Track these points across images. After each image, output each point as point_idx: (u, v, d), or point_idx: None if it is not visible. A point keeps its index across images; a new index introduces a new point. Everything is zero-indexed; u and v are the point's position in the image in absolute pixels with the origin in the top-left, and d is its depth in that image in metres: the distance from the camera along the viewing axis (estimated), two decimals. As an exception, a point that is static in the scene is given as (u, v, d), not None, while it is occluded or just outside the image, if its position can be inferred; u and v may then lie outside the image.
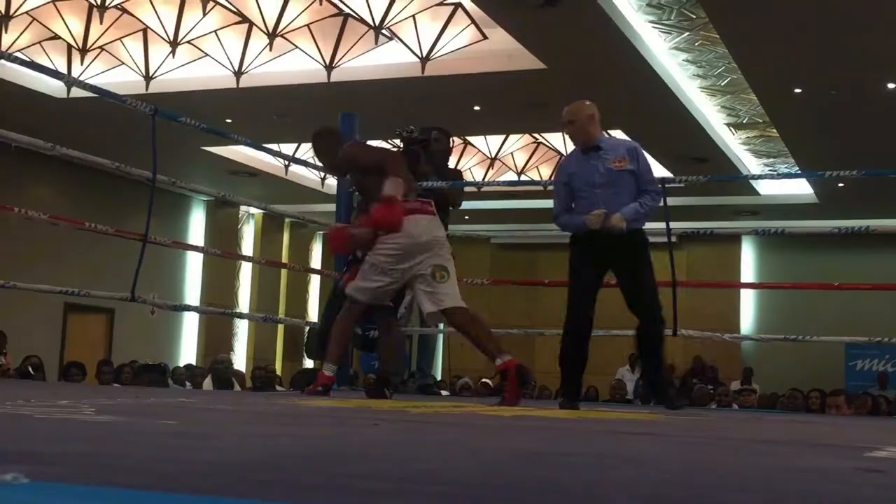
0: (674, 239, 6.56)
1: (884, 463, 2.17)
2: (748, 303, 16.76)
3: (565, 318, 4.97)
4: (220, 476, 1.15)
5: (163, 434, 1.93)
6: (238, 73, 10.97)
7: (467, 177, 14.33)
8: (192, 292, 15.97)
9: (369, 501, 0.99)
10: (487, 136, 13.59)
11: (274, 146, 11.21)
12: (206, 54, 10.92)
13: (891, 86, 9.97)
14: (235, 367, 14.34)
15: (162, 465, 1.22)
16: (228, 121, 11.84)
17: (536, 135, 13.46)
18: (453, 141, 7.45)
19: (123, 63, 11.22)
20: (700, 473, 1.63)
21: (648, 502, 1.12)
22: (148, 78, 11.20)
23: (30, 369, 8.52)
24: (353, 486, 1.10)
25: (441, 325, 8.50)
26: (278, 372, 13.64)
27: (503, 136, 13.60)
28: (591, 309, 4.93)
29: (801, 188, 14.43)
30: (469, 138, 13.67)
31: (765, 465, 2.01)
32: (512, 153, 13.96)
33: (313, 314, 17.71)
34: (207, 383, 9.08)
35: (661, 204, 5.06)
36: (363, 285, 4.73)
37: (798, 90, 10.22)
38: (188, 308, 13.12)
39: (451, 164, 13.64)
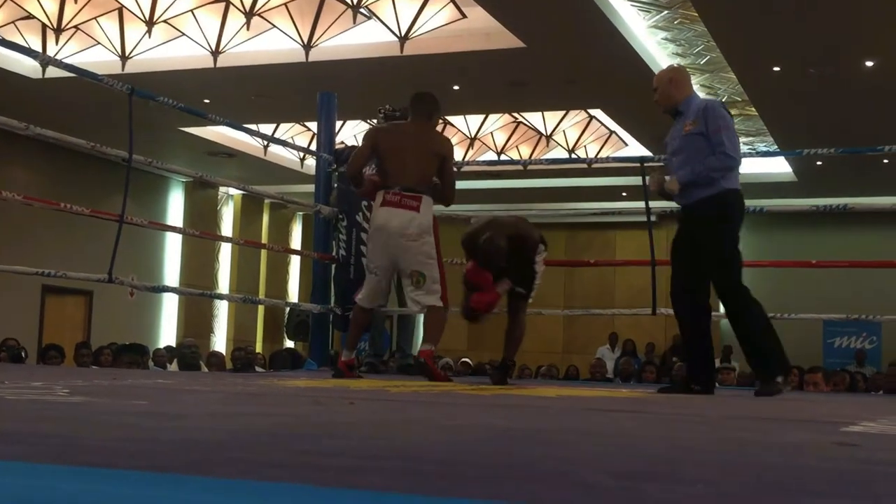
0: (654, 218, 6.54)
1: (858, 437, 2.18)
2: (728, 281, 16.80)
3: None
4: (182, 454, 1.13)
5: (132, 414, 1.91)
6: (215, 53, 10.87)
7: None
8: (171, 274, 15.89)
9: (331, 478, 0.98)
10: (467, 116, 13.54)
11: (252, 126, 11.13)
12: (183, 34, 10.81)
13: (868, 64, 9.98)
14: (216, 348, 14.33)
15: (123, 444, 1.20)
16: (206, 101, 11.74)
17: (516, 114, 13.43)
18: None
19: (99, 43, 11.09)
20: (672, 448, 1.62)
21: (616, 476, 1.12)
22: (124, 58, 11.08)
23: (22, 354, 8.46)
24: (318, 463, 1.09)
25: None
26: (259, 352, 13.60)
27: (483, 116, 13.56)
28: (682, 287, 4.56)
29: (779, 167, 14.47)
30: (448, 118, 13.62)
31: (738, 441, 2.01)
32: (492, 133, 13.92)
33: (293, 295, 17.66)
34: (174, 367, 9.02)
35: (724, 166, 4.38)
36: (363, 293, 5.05)
37: (776, 68, 10.21)
38: (167, 289, 13.05)
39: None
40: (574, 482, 1.06)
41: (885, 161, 12.93)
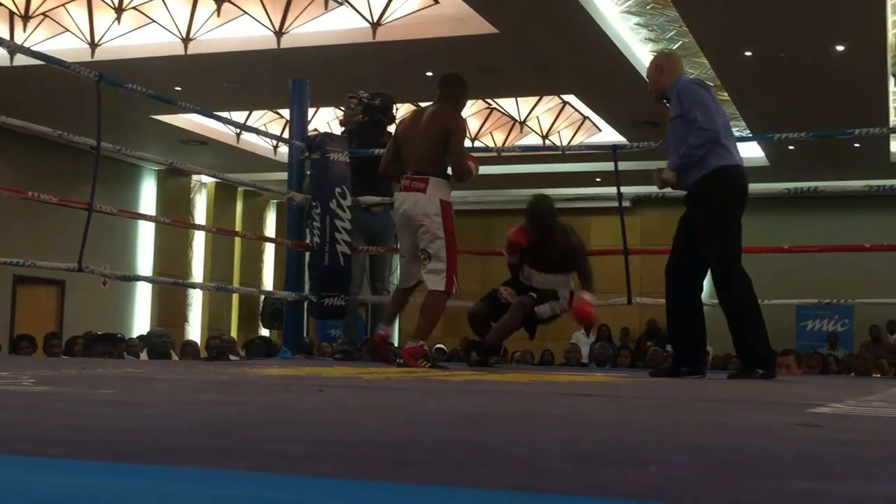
0: (627, 203, 6.55)
1: (823, 418, 2.20)
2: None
3: None
4: (135, 442, 1.12)
5: (95, 403, 1.89)
6: (186, 40, 10.79)
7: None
8: (144, 262, 15.79)
9: (284, 465, 0.98)
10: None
11: (225, 114, 11.06)
12: (153, 20, 10.72)
13: (839, 48, 10.03)
14: (190, 336, 14.27)
15: (75, 433, 1.20)
16: (178, 88, 11.65)
17: (489, 100, 13.42)
18: (397, 108, 7.43)
19: (68, 30, 10.98)
20: (637, 431, 1.63)
21: (572, 460, 1.12)
22: (93, 45, 10.98)
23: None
24: (274, 450, 1.09)
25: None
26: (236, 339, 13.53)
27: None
28: (677, 263, 4.54)
29: (752, 151, 14.53)
30: (421, 104, 13.59)
31: (705, 423, 2.02)
32: (465, 119, 13.90)
33: (268, 283, 17.60)
34: (143, 356, 8.97)
35: (703, 141, 4.29)
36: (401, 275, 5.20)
37: (748, 53, 10.25)
38: (139, 278, 12.97)
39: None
40: (528, 466, 1.06)
41: (857, 145, 13.02)
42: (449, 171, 5.02)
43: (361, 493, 0.88)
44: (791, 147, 13.44)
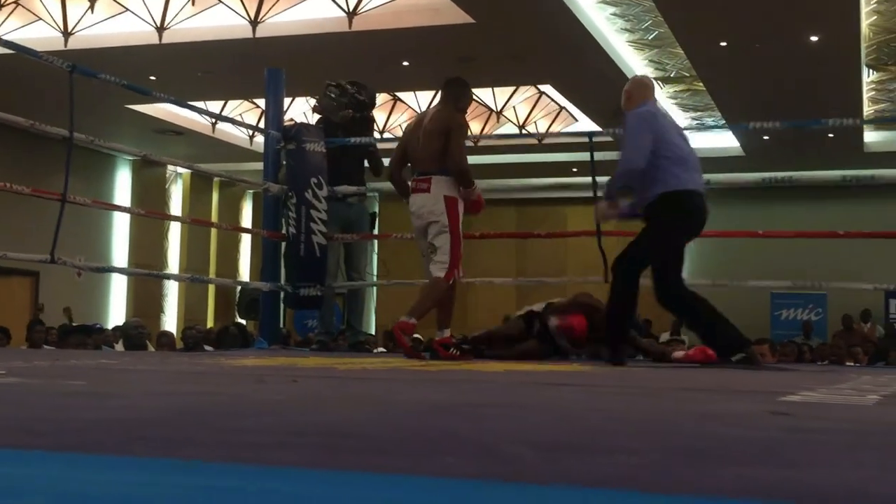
0: (601, 193, 6.55)
1: (794, 407, 2.21)
2: (677, 255, 16.99)
3: None
4: (102, 433, 1.12)
5: (64, 394, 1.88)
6: (160, 29, 10.71)
7: (397, 133, 14.26)
8: (120, 253, 15.70)
9: (248, 455, 0.97)
10: (417, 92, 13.49)
11: (200, 103, 10.99)
12: (127, 9, 10.64)
13: (813, 38, 10.09)
14: (166, 327, 14.19)
15: (43, 424, 1.19)
16: (152, 78, 11.57)
17: (466, 90, 13.40)
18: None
19: (40, 18, 10.88)
20: (606, 419, 1.64)
21: (538, 448, 1.12)
22: (66, 34, 10.89)
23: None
24: (240, 440, 1.08)
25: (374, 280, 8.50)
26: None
27: (433, 92, 13.51)
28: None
29: (727, 142, 14.60)
30: (398, 94, 13.57)
31: (675, 411, 2.03)
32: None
33: (245, 273, 17.54)
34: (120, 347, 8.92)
35: (621, 174, 4.54)
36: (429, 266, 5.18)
37: (723, 43, 10.29)
38: (112, 270, 12.88)
39: (380, 120, 13.61)
40: (493, 455, 1.06)
41: (830, 135, 13.10)
42: None
43: (328, 482, 0.88)
44: (766, 137, 13.51)
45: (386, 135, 13.76)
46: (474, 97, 13.47)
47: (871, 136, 14.15)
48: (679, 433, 1.44)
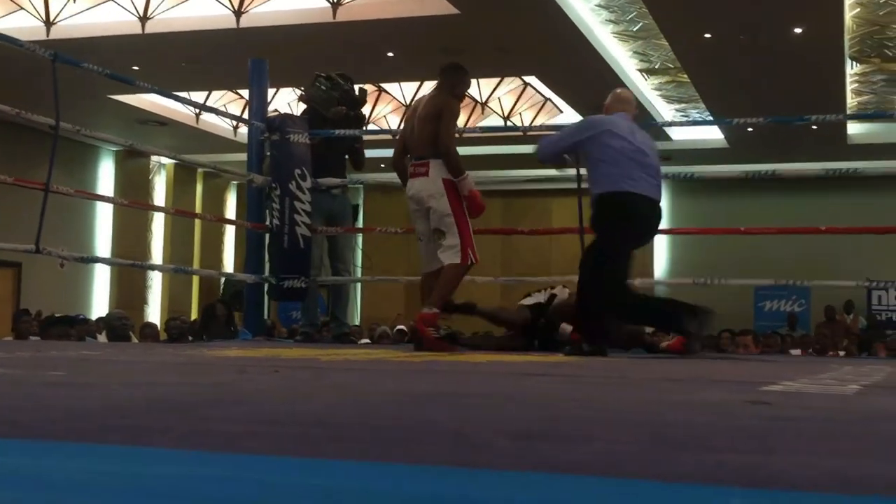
0: (587, 185, 6.56)
1: (773, 396, 2.22)
2: (661, 248, 17.04)
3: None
4: (72, 422, 1.11)
5: (43, 385, 1.87)
6: (143, 19, 10.66)
7: (382, 125, 14.24)
8: (103, 244, 15.63)
9: (217, 443, 0.97)
10: (402, 84, 13.46)
11: (184, 94, 10.93)
12: (110, -2, 10.59)
13: (797, 30, 10.11)
14: (150, 319, 14.15)
15: (17, 413, 1.18)
16: (136, 68, 11.51)
17: (452, 81, 13.39)
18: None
19: (22, 8, 10.81)
20: (583, 409, 1.64)
21: (513, 437, 1.12)
22: (49, 23, 10.82)
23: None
24: (212, 429, 1.08)
25: (358, 274, 8.48)
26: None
27: (418, 83, 13.49)
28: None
29: (711, 134, 14.64)
30: (383, 85, 13.54)
31: (654, 400, 2.04)
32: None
33: (229, 265, 17.49)
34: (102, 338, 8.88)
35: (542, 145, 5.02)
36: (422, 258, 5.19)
37: (708, 35, 10.31)
38: (96, 260, 12.81)
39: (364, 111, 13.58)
40: (469, 443, 1.06)
41: (814, 128, 13.16)
42: None
43: (298, 471, 0.87)
44: (750, 129, 13.55)
45: (371, 126, 13.72)
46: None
47: (854, 129, 14.21)
48: (657, 422, 1.45)
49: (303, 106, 7.07)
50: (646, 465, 1.00)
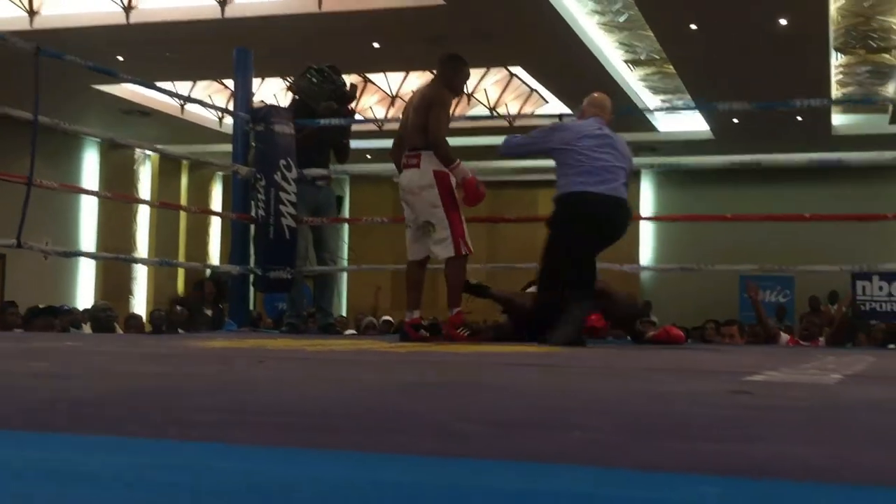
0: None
1: (756, 386, 2.23)
2: (647, 238, 17.09)
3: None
4: (49, 412, 1.11)
5: (21, 375, 1.87)
6: (127, 9, 10.60)
7: (368, 115, 14.22)
8: (87, 237, 15.56)
9: (194, 433, 0.97)
10: (388, 74, 13.44)
11: (168, 84, 10.90)
12: (94, -12, 10.53)
13: (783, 22, 10.13)
14: (135, 310, 14.10)
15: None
16: (120, 58, 11.46)
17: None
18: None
19: (5, -3, 10.74)
20: (565, 399, 1.64)
21: (493, 426, 1.13)
22: (32, 13, 10.75)
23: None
24: (189, 419, 1.08)
25: (344, 264, 8.48)
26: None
27: (403, 74, 13.47)
28: None
29: (697, 125, 14.67)
30: (369, 76, 13.51)
31: (636, 390, 2.04)
32: (413, 91, 13.84)
33: (214, 257, 17.45)
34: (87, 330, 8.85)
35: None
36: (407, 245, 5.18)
37: (693, 26, 10.32)
38: (80, 254, 12.79)
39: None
40: (447, 432, 1.06)
41: (799, 118, 13.19)
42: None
43: (273, 459, 0.87)
44: (735, 120, 13.58)
45: (356, 116, 13.70)
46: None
47: (838, 120, 14.27)
48: (637, 411, 1.45)
49: (290, 96, 7.04)
50: (624, 453, 1.00)
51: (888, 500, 0.82)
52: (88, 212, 15.68)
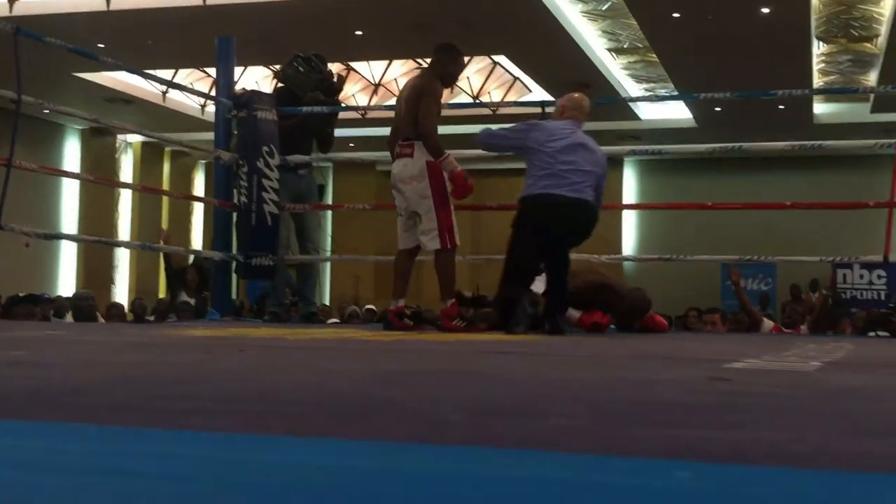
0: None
1: (735, 373, 2.24)
2: (630, 226, 17.13)
3: None
4: (28, 401, 1.11)
5: (2, 364, 1.86)
6: (108, -5, 10.53)
7: (350, 103, 14.18)
8: (69, 224, 15.47)
9: (171, 420, 0.97)
10: (371, 62, 13.40)
11: (150, 72, 10.81)
12: (74, -25, 10.44)
13: (765, 10, 10.16)
14: (117, 299, 14.05)
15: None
16: (101, 45, 11.38)
17: (420, 60, 13.35)
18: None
19: (-16, -17, 10.65)
20: (544, 386, 1.65)
21: (472, 413, 1.13)
22: (11, -1, 10.67)
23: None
24: (167, 406, 1.08)
25: (328, 254, 8.47)
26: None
27: (387, 62, 13.44)
28: None
29: (680, 113, 14.70)
30: (352, 64, 13.47)
31: (615, 378, 2.05)
32: (396, 79, 13.82)
33: (197, 243, 17.38)
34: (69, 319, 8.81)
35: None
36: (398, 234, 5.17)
37: (676, 14, 10.33)
38: (61, 236, 12.68)
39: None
40: (425, 419, 1.07)
41: (781, 107, 13.23)
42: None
43: (247, 446, 0.87)
44: (718, 108, 13.61)
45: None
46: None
47: (820, 109, 14.32)
48: (615, 398, 1.46)
49: (274, 83, 7.02)
50: (596, 439, 1.01)
51: (862, 486, 0.83)
52: (70, 201, 15.60)
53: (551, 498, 0.71)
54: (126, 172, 16.65)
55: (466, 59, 13.62)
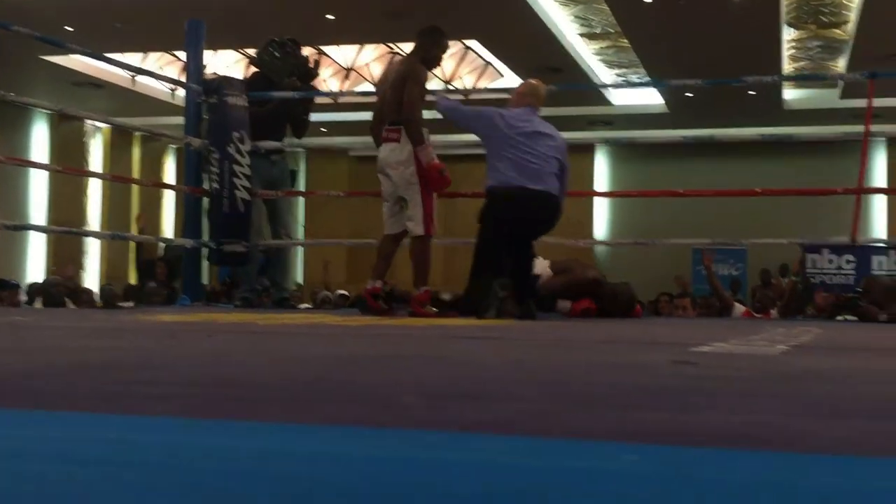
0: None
1: (701, 356, 2.26)
2: (602, 211, 17.17)
3: None
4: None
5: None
6: (77, -22, 10.40)
7: (322, 88, 14.11)
8: (37, 210, 15.31)
9: (130, 406, 0.96)
10: (342, 47, 13.32)
11: (119, 56, 10.72)
12: (41, -43, 10.30)
13: (736, -4, 10.19)
14: (86, 284, 13.93)
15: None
16: (69, 28, 11.25)
17: (393, 45, 13.29)
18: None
19: (-51, -34, 10.49)
20: (510, 371, 1.65)
21: (432, 398, 1.13)
22: (-23, -18, 10.51)
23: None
24: (125, 392, 1.07)
25: (301, 238, 8.45)
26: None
27: (358, 47, 13.36)
28: None
29: (652, 99, 14.73)
30: (323, 48, 13.38)
31: (581, 361, 2.06)
32: (367, 64, 13.75)
33: (168, 230, 17.26)
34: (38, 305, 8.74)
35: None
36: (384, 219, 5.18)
37: (648, 0, 10.34)
38: (27, 227, 12.57)
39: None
40: (384, 404, 1.06)
41: (751, 93, 13.29)
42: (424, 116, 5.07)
43: (201, 432, 0.87)
44: (689, 94, 13.65)
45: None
46: (401, 53, 13.37)
47: (790, 94, 14.40)
48: (578, 381, 1.46)
49: (250, 69, 6.98)
50: (553, 422, 1.01)
51: (826, 468, 0.83)
52: (38, 185, 15.43)
53: (501, 480, 0.71)
54: (95, 157, 16.49)
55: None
